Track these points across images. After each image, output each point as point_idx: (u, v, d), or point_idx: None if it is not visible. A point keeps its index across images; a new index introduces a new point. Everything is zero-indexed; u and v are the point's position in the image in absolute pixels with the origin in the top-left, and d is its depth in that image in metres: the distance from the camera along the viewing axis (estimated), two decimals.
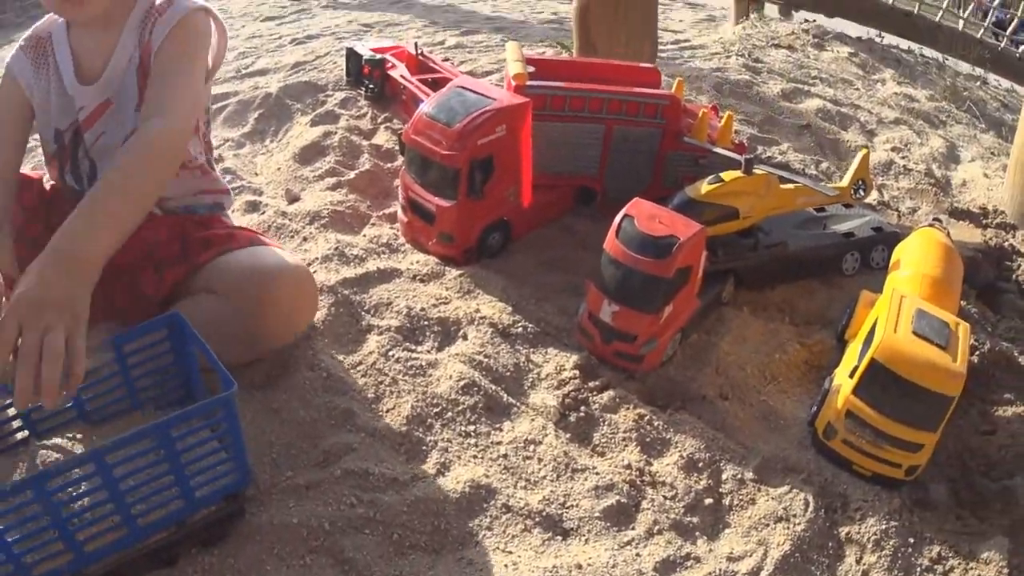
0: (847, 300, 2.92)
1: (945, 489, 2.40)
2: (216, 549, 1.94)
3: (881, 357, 2.27)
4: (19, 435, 2.07)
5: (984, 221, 3.98)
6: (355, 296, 2.77)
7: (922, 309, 2.42)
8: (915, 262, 2.80)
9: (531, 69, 3.17)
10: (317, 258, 2.95)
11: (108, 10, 2.33)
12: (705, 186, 2.80)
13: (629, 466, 2.27)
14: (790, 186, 2.99)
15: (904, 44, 7.44)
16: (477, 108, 2.84)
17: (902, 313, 2.39)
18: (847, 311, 2.83)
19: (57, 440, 2.05)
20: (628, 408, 2.43)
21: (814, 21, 7.41)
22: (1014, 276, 3.56)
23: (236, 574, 1.91)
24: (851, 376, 2.36)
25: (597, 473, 2.24)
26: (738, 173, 2.84)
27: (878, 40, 7.25)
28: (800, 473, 2.33)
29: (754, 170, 2.86)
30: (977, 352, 2.84)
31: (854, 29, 7.36)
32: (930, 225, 3.07)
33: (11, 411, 2.04)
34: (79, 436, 2.07)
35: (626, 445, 2.34)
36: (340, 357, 2.52)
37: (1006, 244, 3.73)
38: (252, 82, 4.95)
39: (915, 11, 7.54)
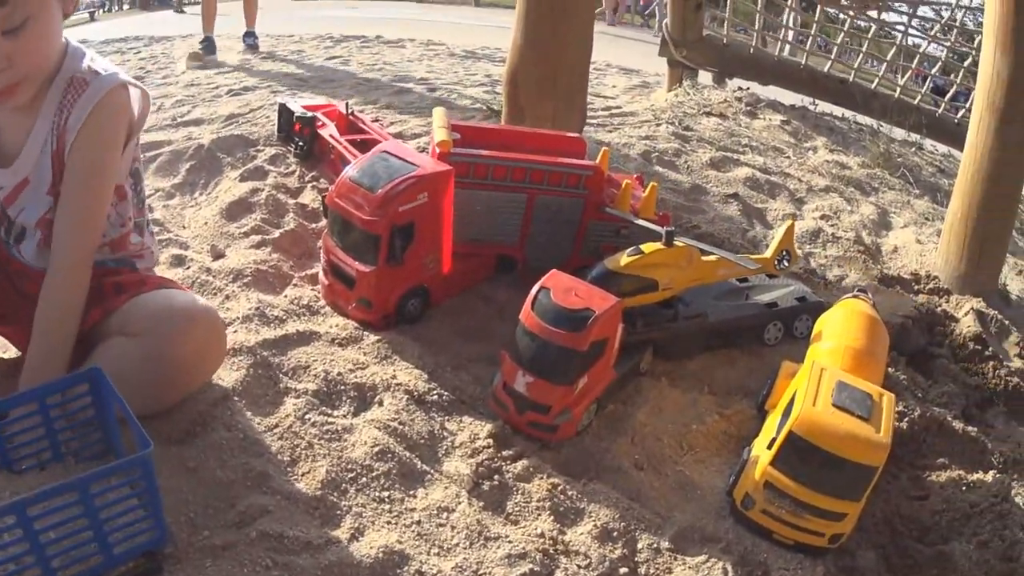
0: (768, 370, 2.96)
1: (874, 556, 2.43)
2: None
3: (799, 430, 2.30)
4: None
5: (916, 287, 4.06)
6: (274, 358, 2.77)
7: (843, 381, 2.45)
8: (837, 333, 2.83)
9: (457, 136, 3.20)
10: (238, 318, 2.95)
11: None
12: (625, 258, 2.82)
13: (542, 535, 2.27)
14: (712, 258, 3.02)
15: (839, 112, 7.55)
16: (400, 174, 2.87)
17: (822, 385, 2.42)
18: (768, 381, 2.86)
19: None
20: (542, 477, 2.43)
21: (747, 89, 7.53)
22: (946, 341, 3.62)
23: None
24: (769, 448, 2.38)
25: (510, 541, 2.23)
26: (659, 245, 2.86)
27: (811, 108, 7.37)
28: (718, 542, 2.34)
29: (675, 242, 2.89)
30: (907, 418, 2.89)
31: (788, 97, 7.47)
32: (854, 296, 3.10)
33: None
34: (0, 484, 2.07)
35: (539, 514, 2.34)
36: (257, 419, 2.52)
37: (938, 309, 3.79)
38: (187, 131, 4.99)
39: (851, 79, 7.66)
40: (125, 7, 25.56)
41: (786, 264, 3.20)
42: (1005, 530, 2.53)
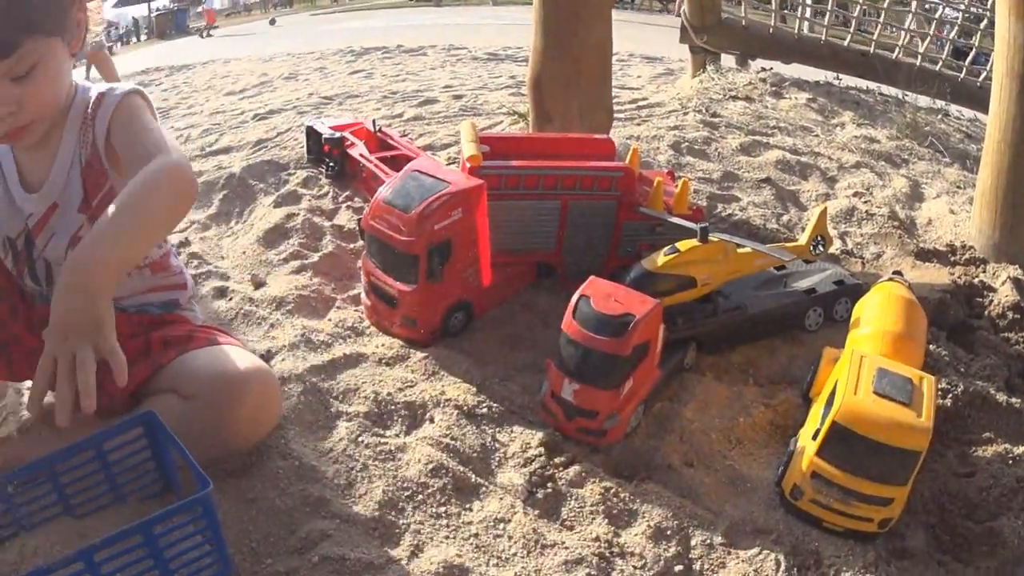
0: (811, 357, 2.97)
1: (924, 536, 2.44)
2: None
3: (842, 419, 2.32)
4: (6, 529, 2.11)
5: (952, 259, 4.03)
6: (323, 383, 2.80)
7: (883, 368, 2.46)
8: (875, 319, 2.85)
9: (486, 148, 3.22)
10: (284, 346, 2.98)
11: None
12: (661, 258, 2.85)
13: (598, 538, 2.30)
14: (747, 250, 3.04)
15: (863, 84, 7.51)
16: (433, 193, 2.90)
17: (862, 373, 2.43)
18: (811, 369, 2.87)
19: (44, 533, 2.09)
20: (594, 482, 2.46)
21: (771, 69, 7.53)
22: (986, 312, 3.59)
23: None
24: (814, 438, 2.40)
25: (566, 547, 2.27)
26: (694, 242, 2.89)
27: (836, 83, 7.33)
28: (770, 534, 2.37)
29: (710, 238, 2.92)
30: (951, 395, 2.89)
31: (812, 74, 7.44)
32: (890, 279, 3.10)
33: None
34: (64, 530, 2.11)
35: (594, 518, 2.37)
36: (311, 445, 2.55)
37: (976, 280, 3.77)
38: (216, 161, 5.01)
39: (871, 51, 7.62)
40: (143, 38, 25.74)
41: (822, 249, 3.23)
42: None
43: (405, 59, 8.58)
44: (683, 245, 2.89)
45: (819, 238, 3.21)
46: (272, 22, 30.18)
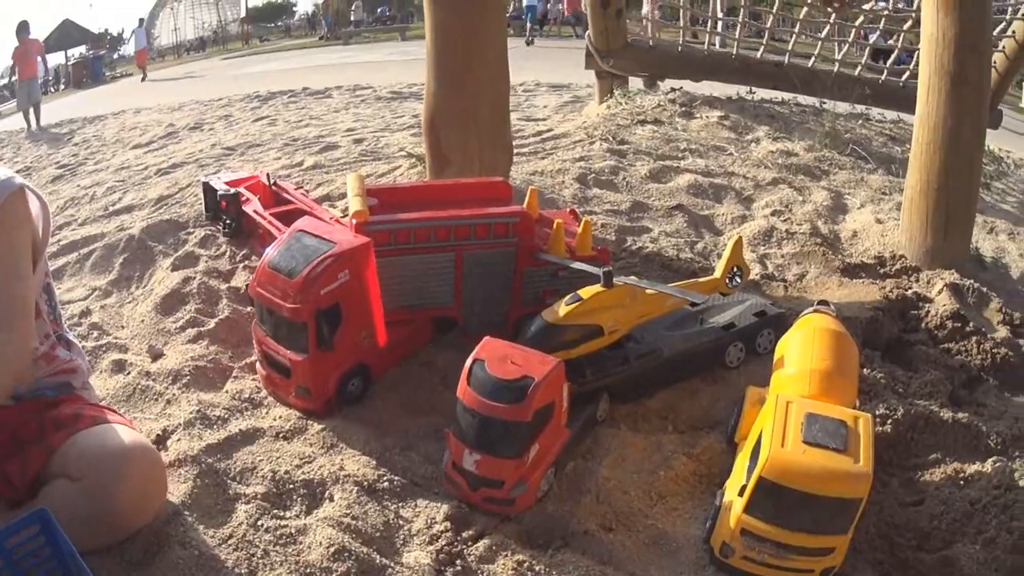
0: (733, 396, 2.85)
1: (872, 574, 2.33)
2: None
3: (769, 474, 2.18)
4: None
5: (882, 271, 3.95)
6: (219, 463, 2.65)
7: (812, 412, 2.32)
8: (800, 357, 2.69)
9: (374, 202, 3.09)
10: (180, 424, 2.84)
11: None
12: (563, 308, 2.71)
13: None
14: (655, 291, 2.90)
15: (778, 96, 7.47)
16: (318, 255, 2.76)
17: (789, 420, 2.30)
18: (735, 411, 2.74)
19: None
20: (506, 555, 2.30)
21: (680, 89, 7.44)
22: (922, 324, 3.49)
23: None
24: (740, 495, 2.26)
25: None
26: (598, 288, 2.75)
27: (749, 97, 7.28)
28: None
29: (615, 282, 2.78)
30: (890, 420, 2.77)
31: (724, 90, 7.38)
32: (814, 311, 2.91)
33: None
34: None
35: None
36: (210, 531, 2.39)
37: (909, 292, 3.68)
38: (118, 221, 4.96)
39: (785, 60, 7.57)
40: (61, 87, 25.58)
41: (739, 280, 3.11)
42: (1012, 521, 2.42)
43: (310, 102, 8.50)
44: (586, 292, 2.75)
45: (735, 269, 3.08)
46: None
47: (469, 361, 2.45)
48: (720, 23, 8.40)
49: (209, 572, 2.25)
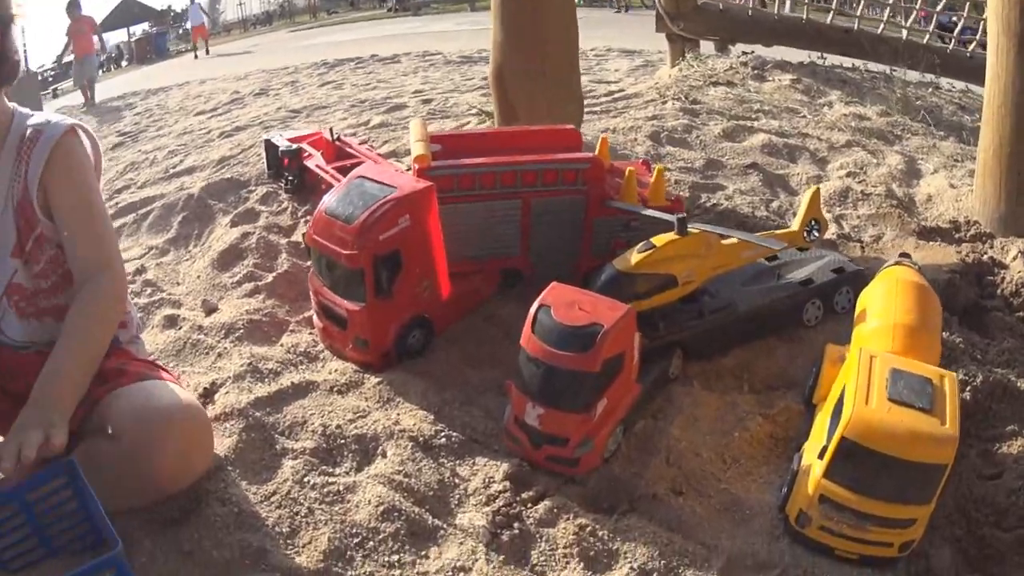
0: (812, 356, 2.63)
1: (950, 552, 2.11)
2: None
3: (853, 435, 1.98)
4: None
5: (957, 236, 3.72)
6: (268, 417, 2.51)
7: (897, 368, 2.12)
8: (882, 311, 2.49)
9: (437, 148, 2.93)
10: (230, 377, 2.70)
11: None
12: (635, 256, 2.52)
13: None
14: (732, 241, 2.71)
15: (848, 62, 7.26)
16: (376, 200, 2.61)
17: (873, 377, 2.10)
18: (813, 371, 2.53)
19: None
20: (568, 519, 2.13)
21: (752, 53, 7.25)
22: (998, 291, 3.27)
23: None
24: (820, 457, 2.05)
25: None
26: (672, 235, 2.56)
27: (820, 62, 7.06)
28: (773, 568, 2.02)
29: (689, 230, 2.59)
30: (969, 387, 2.54)
31: (794, 55, 7.17)
32: (896, 263, 2.74)
33: None
34: None
35: (567, 562, 2.04)
36: (253, 488, 2.25)
37: (984, 257, 3.46)
38: (179, 182, 4.83)
39: (855, 27, 7.35)
40: (124, 64, 25.71)
41: (816, 234, 2.91)
42: None
43: (377, 68, 8.37)
44: (659, 240, 2.56)
45: (813, 222, 2.89)
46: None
47: (534, 307, 2.27)
48: None
49: (248, 531, 2.11)
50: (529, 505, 2.18)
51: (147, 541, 2.04)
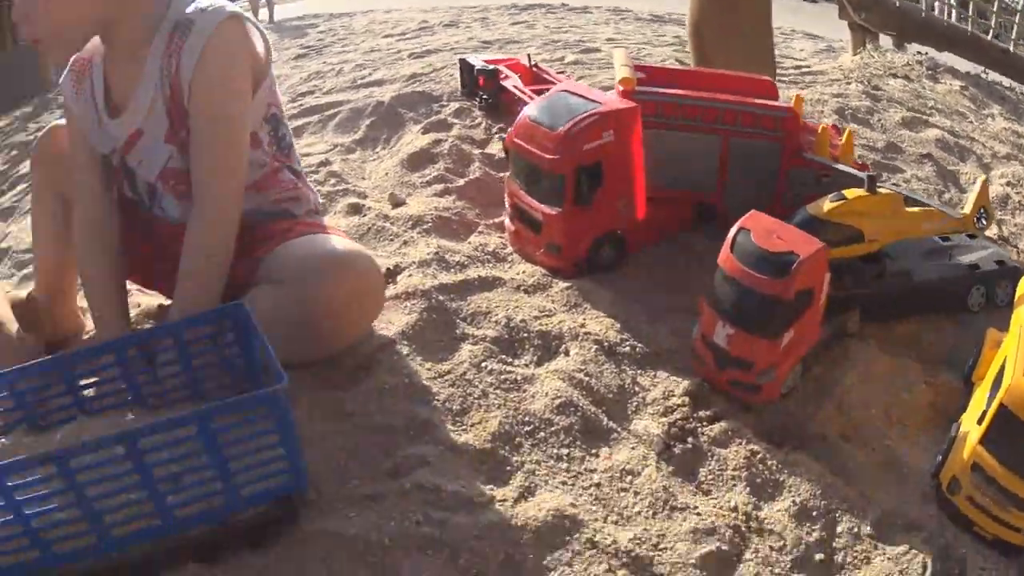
0: (974, 339, 2.48)
1: None
2: (262, 552, 1.70)
3: (1010, 402, 1.84)
4: (68, 411, 1.98)
5: None
6: (451, 303, 2.44)
7: None
8: None
9: (640, 75, 2.82)
10: (414, 262, 2.64)
11: (130, 38, 2.17)
12: (828, 204, 2.40)
13: (735, 508, 1.88)
14: (916, 209, 2.59)
15: (1006, 81, 7.06)
16: (582, 111, 2.52)
17: None
18: (974, 351, 2.39)
19: (103, 420, 1.90)
20: (740, 443, 2.03)
21: (926, 54, 7.03)
22: None
23: None
24: (979, 423, 1.93)
25: (698, 514, 1.85)
26: (862, 191, 2.44)
27: (984, 76, 6.85)
28: (920, 531, 1.91)
29: (879, 190, 2.46)
30: None
31: (961, 65, 6.98)
32: None
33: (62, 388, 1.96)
34: (132, 417, 1.89)
35: (734, 484, 1.95)
36: (427, 365, 2.19)
37: None
38: (367, 92, 4.73)
39: (1011, 49, 7.15)
40: None
41: (984, 223, 2.76)
42: None
43: (569, 15, 8.20)
44: (850, 193, 2.44)
45: (982, 211, 2.74)
46: None
47: (734, 229, 2.17)
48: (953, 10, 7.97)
49: (416, 403, 2.05)
50: (704, 424, 2.09)
51: (305, 399, 2.01)
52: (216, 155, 2.15)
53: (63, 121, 2.46)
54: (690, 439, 2.03)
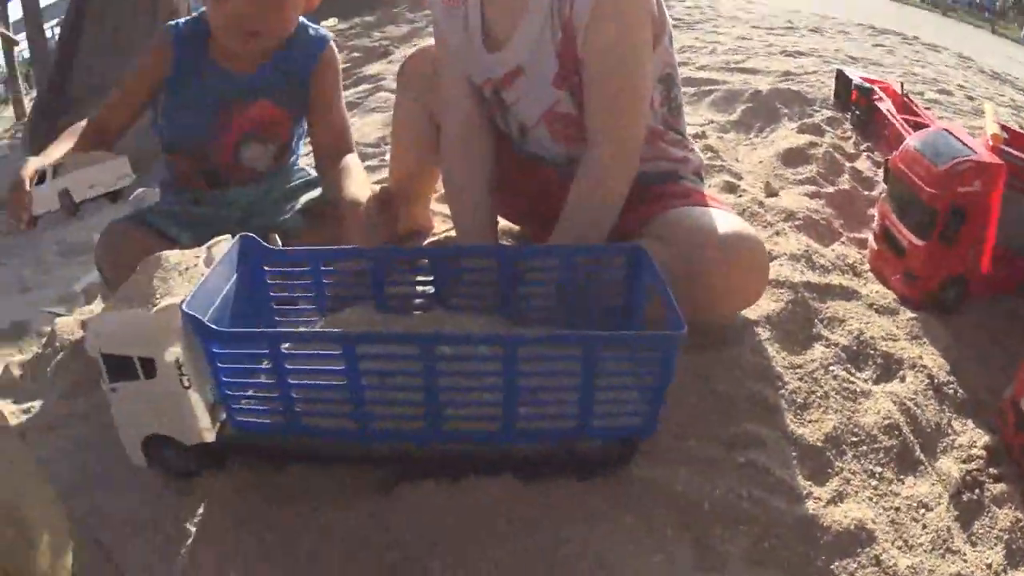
0: None
1: None
2: (583, 484, 1.75)
3: None
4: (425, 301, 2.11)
5: None
6: (813, 302, 2.48)
7: None
8: None
9: (1005, 135, 2.78)
10: (785, 254, 2.69)
11: None
12: None
13: (990, 566, 1.88)
14: None
15: None
16: (962, 155, 2.51)
17: None
18: None
19: (464, 318, 2.00)
20: (1011, 507, 2.00)
21: None
22: None
23: (585, 520, 1.68)
24: None
25: (965, 560, 1.86)
26: None
27: None
28: None
29: None
30: None
31: None
32: None
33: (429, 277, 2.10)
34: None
35: (996, 544, 1.93)
36: (783, 353, 2.24)
37: None
38: (742, 77, 4.77)
39: None
40: None
41: None
42: None
43: (923, 50, 7.90)
44: None
45: None
46: None
47: None
48: None
49: (766, 385, 2.10)
50: (991, 480, 2.08)
51: None
52: (619, 105, 2.11)
53: (431, 42, 2.51)
54: (977, 491, 2.03)
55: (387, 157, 3.62)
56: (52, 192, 2.29)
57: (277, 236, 2.13)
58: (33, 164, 2.30)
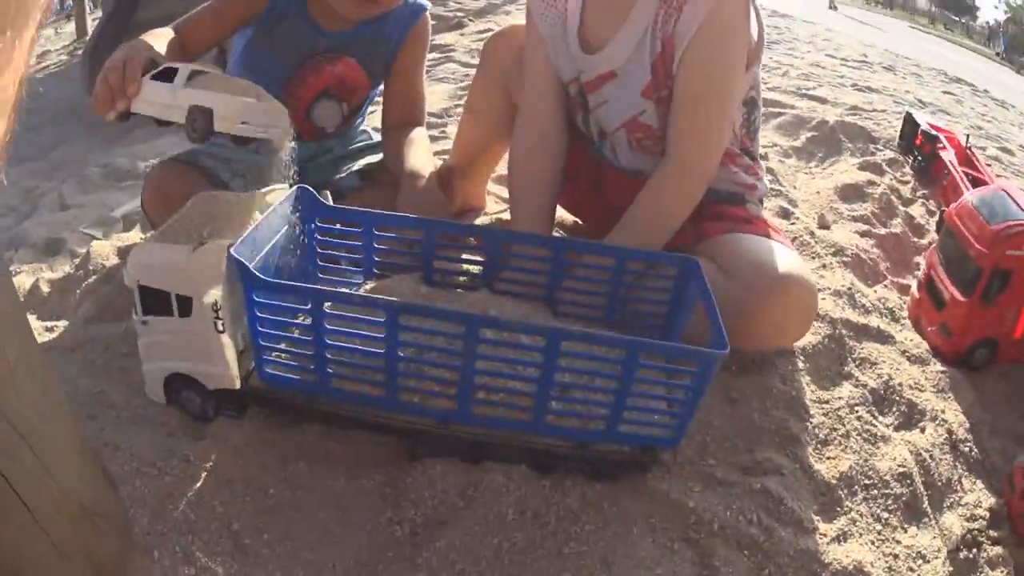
0: None
1: None
2: (598, 486, 1.76)
3: None
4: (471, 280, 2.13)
5: None
6: (849, 340, 2.48)
7: None
8: None
9: None
10: (829, 288, 2.69)
11: None
12: None
13: None
14: None
15: None
16: (1015, 219, 2.49)
17: None
18: None
19: (509, 304, 2.00)
20: (1004, 571, 1.99)
21: None
22: None
23: (594, 522, 1.70)
24: None
25: None
26: None
27: None
28: None
29: None
30: None
31: None
32: None
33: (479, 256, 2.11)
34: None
35: None
36: (811, 387, 2.25)
37: None
38: (810, 104, 4.76)
39: None
40: None
41: None
42: None
43: (991, 104, 7.86)
44: None
45: None
46: (832, 7, 29.19)
47: None
48: None
49: (791, 415, 2.12)
50: (988, 543, 2.07)
51: None
52: (703, 124, 2.10)
53: (512, 22, 2.51)
54: (975, 550, 2.03)
55: (449, 128, 3.62)
56: (181, 100, 1.81)
57: (328, 193, 2.12)
58: (143, 49, 1.96)
